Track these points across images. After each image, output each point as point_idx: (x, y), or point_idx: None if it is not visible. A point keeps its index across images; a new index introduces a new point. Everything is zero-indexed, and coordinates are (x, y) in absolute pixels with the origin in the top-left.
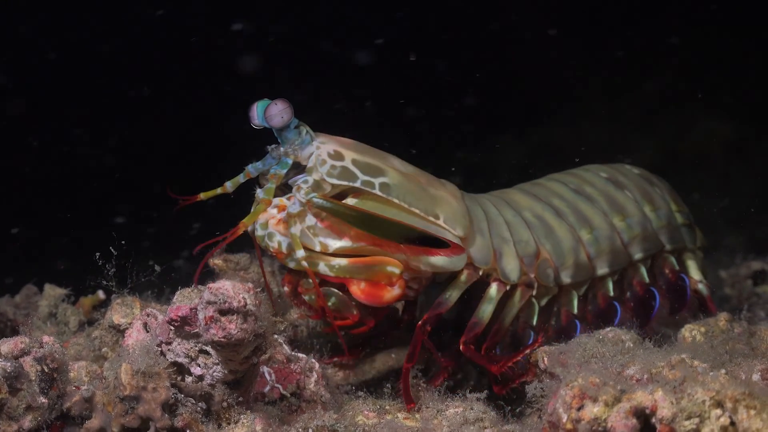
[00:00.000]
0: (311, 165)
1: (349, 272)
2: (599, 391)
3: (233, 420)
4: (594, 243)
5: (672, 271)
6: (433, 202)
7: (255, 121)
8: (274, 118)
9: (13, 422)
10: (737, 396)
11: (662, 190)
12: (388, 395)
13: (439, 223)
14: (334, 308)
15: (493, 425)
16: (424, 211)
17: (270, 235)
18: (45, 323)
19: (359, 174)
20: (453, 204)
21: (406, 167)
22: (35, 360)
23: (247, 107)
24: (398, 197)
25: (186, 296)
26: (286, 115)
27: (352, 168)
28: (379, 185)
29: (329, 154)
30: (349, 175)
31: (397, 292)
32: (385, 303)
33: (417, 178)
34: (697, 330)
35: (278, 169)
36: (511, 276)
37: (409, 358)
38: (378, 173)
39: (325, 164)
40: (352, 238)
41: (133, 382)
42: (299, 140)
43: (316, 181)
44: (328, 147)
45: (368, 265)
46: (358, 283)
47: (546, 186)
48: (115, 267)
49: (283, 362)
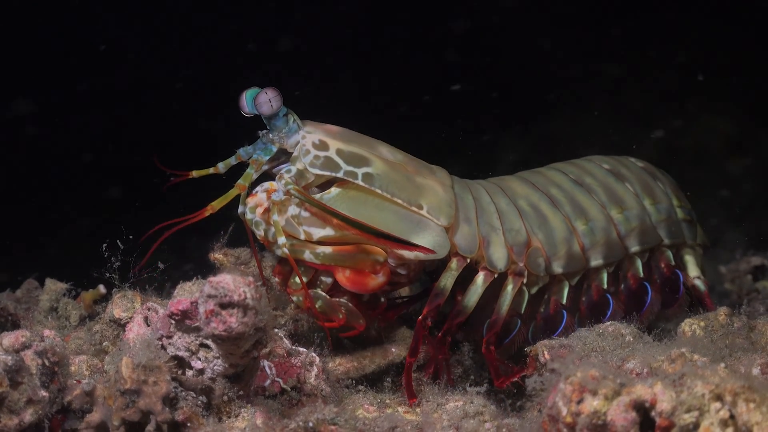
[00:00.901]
0: (296, 154)
1: (333, 260)
2: (599, 385)
3: (234, 413)
4: (589, 234)
5: (667, 266)
6: (418, 192)
7: (245, 110)
8: (263, 106)
9: (14, 415)
10: (737, 389)
11: (665, 185)
12: (389, 389)
13: (422, 213)
14: (321, 311)
15: (493, 419)
16: (407, 201)
17: (257, 223)
18: (46, 318)
19: (342, 164)
20: (439, 193)
21: (394, 155)
22: (36, 354)
23: (237, 96)
24: (381, 187)
25: (186, 290)
26: (276, 103)
27: (336, 158)
28: (362, 175)
29: (314, 144)
30: (332, 166)
31: (381, 279)
32: (370, 290)
33: (404, 166)
34: (696, 324)
35: (260, 155)
36: (498, 264)
37: (411, 352)
38: (362, 163)
39: (309, 154)
40: (334, 225)
41: (133, 376)
42: (286, 128)
43: (299, 170)
44: (313, 137)
45: (352, 253)
46: (343, 271)
47: (545, 175)
48: (119, 261)
49: (283, 356)
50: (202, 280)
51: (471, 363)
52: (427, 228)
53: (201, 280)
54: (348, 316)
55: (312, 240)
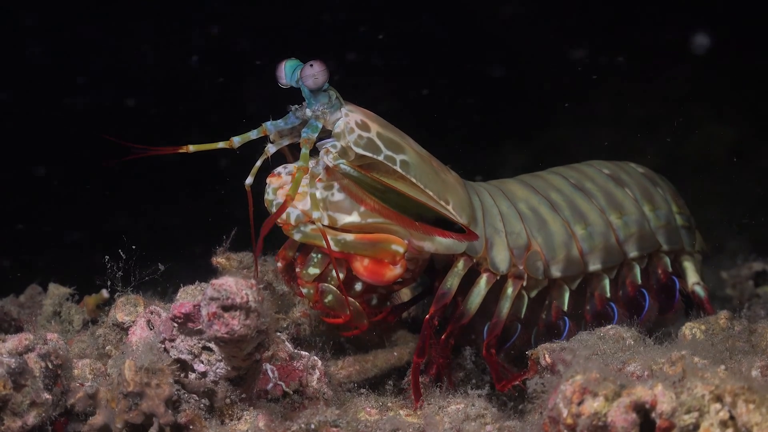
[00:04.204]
0: (338, 131)
1: (353, 248)
2: (599, 386)
3: (236, 416)
4: (587, 239)
5: (664, 272)
6: (444, 187)
7: (282, 80)
8: (309, 79)
9: (18, 418)
10: (736, 390)
11: (665, 191)
12: (390, 392)
13: (449, 208)
14: (330, 306)
15: (494, 421)
16: (437, 195)
17: (279, 204)
18: (49, 322)
19: (383, 148)
20: (459, 191)
21: (420, 149)
22: (39, 356)
23: (274, 67)
24: (416, 177)
25: (189, 293)
26: (322, 77)
27: (377, 141)
28: (400, 162)
29: (357, 124)
30: (374, 148)
31: (399, 270)
32: (387, 281)
33: (430, 161)
34: (697, 328)
35: (309, 133)
36: (501, 267)
37: (419, 352)
38: (399, 150)
39: (353, 132)
40: (366, 210)
41: (136, 379)
42: (329, 104)
43: (343, 148)
44: (355, 116)
45: (373, 242)
46: (361, 260)
47: (546, 179)
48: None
49: (285, 359)
50: (205, 284)
51: (472, 367)
52: (460, 222)
53: (203, 283)
54: (353, 315)
55: (336, 226)
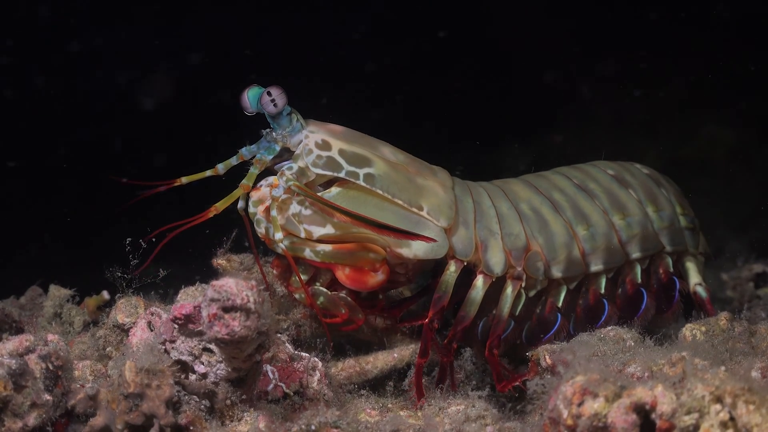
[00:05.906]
0: (298, 152)
1: (333, 258)
2: (599, 387)
3: (236, 417)
4: (590, 239)
5: (665, 272)
6: (419, 193)
7: (247, 108)
8: (268, 105)
9: (18, 419)
10: (737, 391)
11: (669, 192)
12: (391, 394)
13: (422, 214)
14: (323, 307)
15: (494, 422)
16: (408, 202)
17: (258, 220)
18: (50, 324)
19: (344, 165)
20: (440, 194)
21: (396, 156)
22: (40, 357)
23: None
24: (382, 188)
25: (189, 294)
26: (280, 102)
27: (338, 158)
28: (364, 176)
29: (317, 144)
30: (334, 166)
31: (380, 277)
32: (369, 288)
33: (406, 167)
34: (698, 329)
35: (264, 155)
36: (495, 269)
37: (422, 353)
38: (364, 164)
39: (311, 154)
40: (339, 221)
41: (137, 380)
42: (290, 127)
43: (300, 168)
44: (316, 136)
45: (352, 251)
46: (343, 269)
47: (549, 179)
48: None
49: (286, 361)
50: (205, 285)
51: (473, 368)
52: (426, 228)
53: (204, 284)
54: (348, 311)
55: (312, 238)
